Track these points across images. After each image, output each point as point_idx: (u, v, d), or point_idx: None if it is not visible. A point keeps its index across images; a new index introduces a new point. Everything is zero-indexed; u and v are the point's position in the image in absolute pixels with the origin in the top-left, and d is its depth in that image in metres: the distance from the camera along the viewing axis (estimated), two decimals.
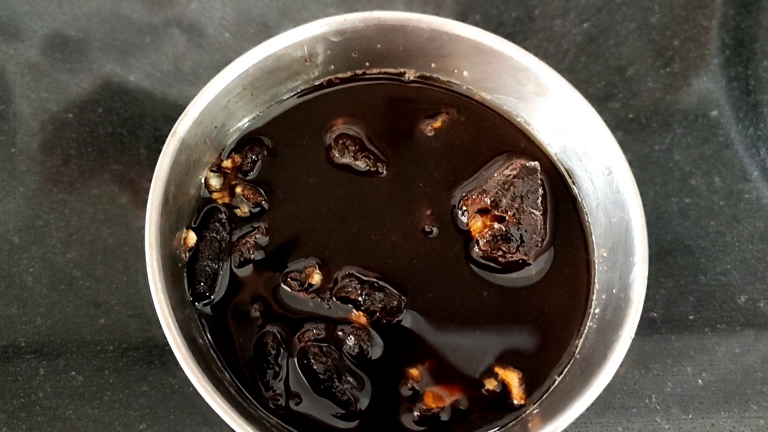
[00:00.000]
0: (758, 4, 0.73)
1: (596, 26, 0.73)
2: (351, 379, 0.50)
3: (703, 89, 0.70)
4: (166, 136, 0.52)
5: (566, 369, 0.52)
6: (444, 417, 0.50)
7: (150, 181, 0.50)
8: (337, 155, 0.57)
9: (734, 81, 0.71)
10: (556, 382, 0.51)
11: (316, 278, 0.52)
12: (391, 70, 0.60)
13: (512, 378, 0.51)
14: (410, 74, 0.60)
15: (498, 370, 0.51)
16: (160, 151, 0.51)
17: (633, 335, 0.48)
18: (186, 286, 0.52)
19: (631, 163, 0.64)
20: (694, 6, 0.74)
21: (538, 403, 0.51)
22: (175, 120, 0.53)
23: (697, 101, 0.70)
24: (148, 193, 0.50)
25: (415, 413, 0.50)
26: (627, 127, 0.68)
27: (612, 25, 0.73)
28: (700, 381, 0.59)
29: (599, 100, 0.69)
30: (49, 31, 0.72)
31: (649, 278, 0.60)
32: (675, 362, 0.60)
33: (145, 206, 0.50)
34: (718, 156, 0.68)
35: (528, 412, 0.50)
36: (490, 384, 0.51)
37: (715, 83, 0.71)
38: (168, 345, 0.46)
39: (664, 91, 0.70)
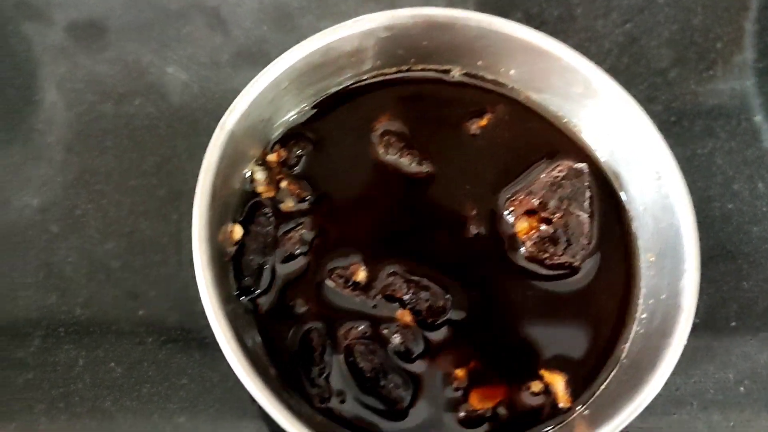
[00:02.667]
0: None
1: (638, 27, 0.72)
2: (397, 378, 0.50)
3: (747, 93, 0.70)
4: (203, 128, 0.52)
5: (613, 373, 0.51)
6: (489, 418, 0.50)
7: (187, 173, 0.50)
8: (381, 152, 0.56)
9: None
10: (603, 387, 0.51)
11: (362, 275, 0.52)
12: (437, 67, 0.59)
13: (558, 381, 0.51)
14: (456, 72, 0.59)
15: (543, 372, 0.51)
16: (197, 143, 0.51)
17: (685, 343, 0.47)
18: (232, 281, 0.52)
19: None
20: (737, 8, 0.73)
21: (584, 407, 0.50)
22: (212, 112, 0.52)
23: (741, 105, 0.69)
24: (185, 186, 0.50)
25: (461, 414, 0.50)
26: (669, 131, 0.67)
27: (654, 26, 0.72)
28: (742, 388, 0.59)
29: (641, 102, 0.67)
30: (86, 22, 0.72)
31: None
32: (717, 369, 0.59)
33: (183, 198, 0.50)
34: (761, 161, 0.67)
35: (574, 416, 0.50)
36: (536, 386, 0.51)
37: (759, 87, 0.70)
38: (208, 338, 0.47)
39: (707, 95, 0.69)
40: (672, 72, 0.70)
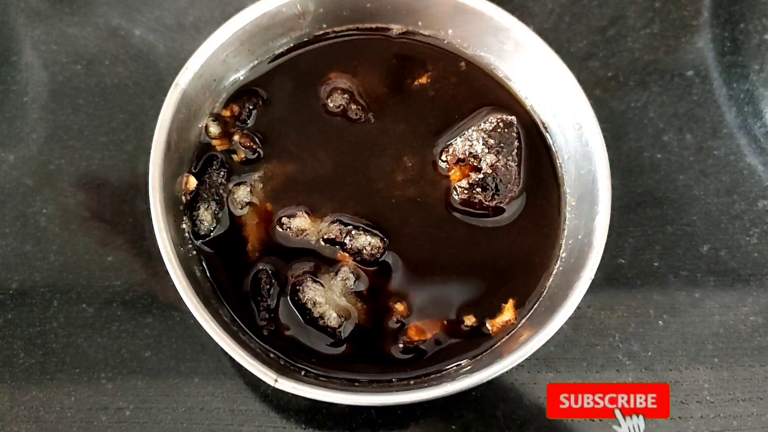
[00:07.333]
0: None
1: None
2: (338, 311, 0.55)
3: (680, 50, 0.74)
4: (169, 87, 0.56)
5: (534, 307, 0.56)
6: (426, 348, 0.55)
7: (153, 129, 0.54)
8: (329, 106, 0.61)
9: (711, 42, 0.74)
10: (526, 317, 0.56)
11: (307, 222, 0.57)
12: (379, 25, 0.63)
13: (510, 312, 0.56)
14: (397, 30, 0.63)
15: (510, 300, 0.56)
16: (162, 101, 0.55)
17: (593, 276, 0.52)
18: (186, 226, 0.57)
19: (607, 119, 0.69)
20: None
21: (508, 336, 0.56)
22: (176, 72, 0.57)
23: (674, 61, 0.73)
24: (150, 141, 0.54)
25: (400, 345, 0.55)
26: (606, 85, 0.72)
27: None
28: (660, 322, 0.64)
29: (580, 59, 0.73)
30: None
31: (618, 227, 0.65)
32: (639, 305, 0.65)
33: (149, 153, 0.54)
34: (690, 114, 0.71)
35: (499, 343, 0.55)
36: (469, 320, 0.56)
37: (692, 44, 0.74)
38: (171, 281, 0.51)
39: (643, 51, 0.73)
40: (611, 30, 0.74)
